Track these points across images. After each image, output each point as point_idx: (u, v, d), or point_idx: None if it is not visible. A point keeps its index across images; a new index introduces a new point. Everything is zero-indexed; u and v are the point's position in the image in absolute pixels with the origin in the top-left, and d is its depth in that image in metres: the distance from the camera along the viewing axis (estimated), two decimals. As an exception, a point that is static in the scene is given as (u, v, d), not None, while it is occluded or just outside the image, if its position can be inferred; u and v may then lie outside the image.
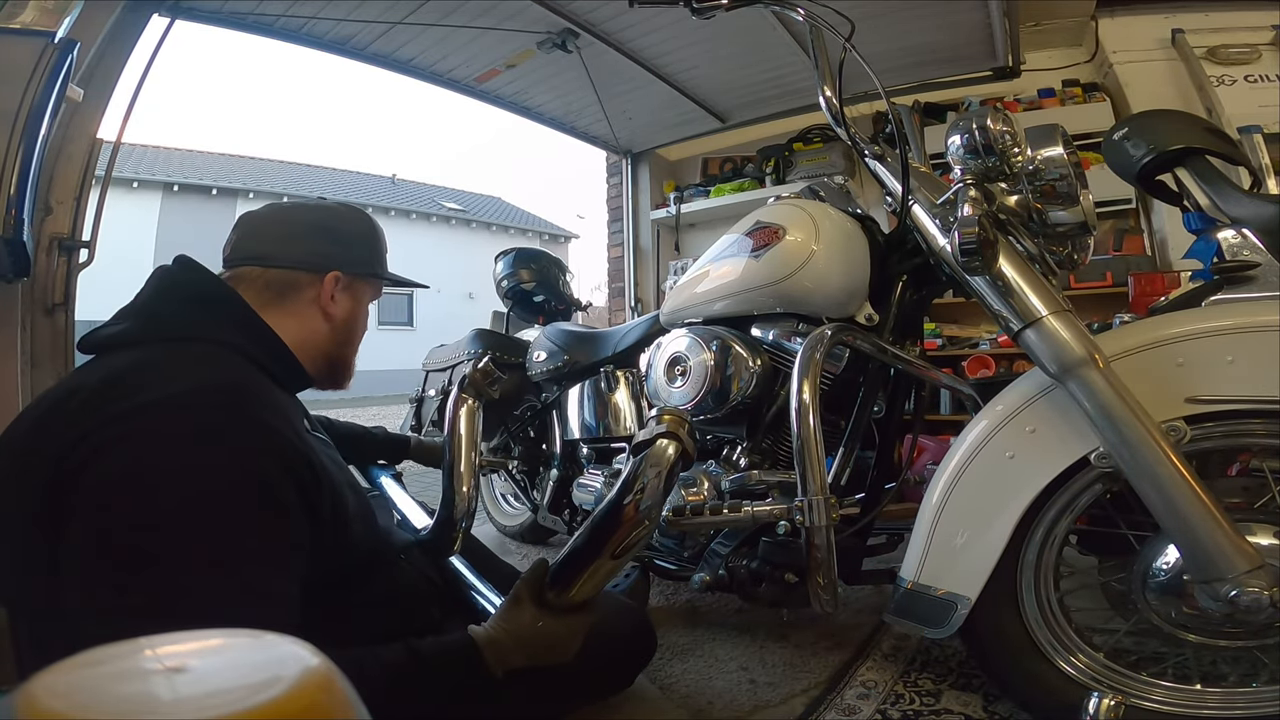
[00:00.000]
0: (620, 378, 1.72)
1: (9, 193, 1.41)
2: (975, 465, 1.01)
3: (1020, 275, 0.97)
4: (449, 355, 2.22)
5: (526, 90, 3.25)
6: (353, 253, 0.98)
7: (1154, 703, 0.95)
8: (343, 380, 1.02)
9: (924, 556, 1.03)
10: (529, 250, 2.55)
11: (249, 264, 0.92)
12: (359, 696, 0.27)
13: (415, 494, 1.45)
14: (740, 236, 1.34)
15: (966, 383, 1.26)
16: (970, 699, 1.12)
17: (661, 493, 0.84)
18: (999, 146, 0.99)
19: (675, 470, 0.86)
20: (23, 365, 1.71)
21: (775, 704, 1.16)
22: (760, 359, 1.27)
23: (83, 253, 1.84)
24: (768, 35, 2.71)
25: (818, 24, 1.14)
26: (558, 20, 2.57)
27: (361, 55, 2.72)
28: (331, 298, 0.95)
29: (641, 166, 4.16)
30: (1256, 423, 0.90)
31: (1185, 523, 0.85)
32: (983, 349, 3.00)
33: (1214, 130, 1.33)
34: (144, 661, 0.26)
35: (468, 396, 1.17)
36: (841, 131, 1.19)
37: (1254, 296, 0.99)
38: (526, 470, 2.08)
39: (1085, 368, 0.90)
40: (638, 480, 0.84)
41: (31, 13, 1.53)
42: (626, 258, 4.18)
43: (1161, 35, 2.87)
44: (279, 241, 0.94)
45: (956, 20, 2.69)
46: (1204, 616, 0.89)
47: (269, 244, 0.94)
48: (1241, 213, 1.13)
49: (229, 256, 0.95)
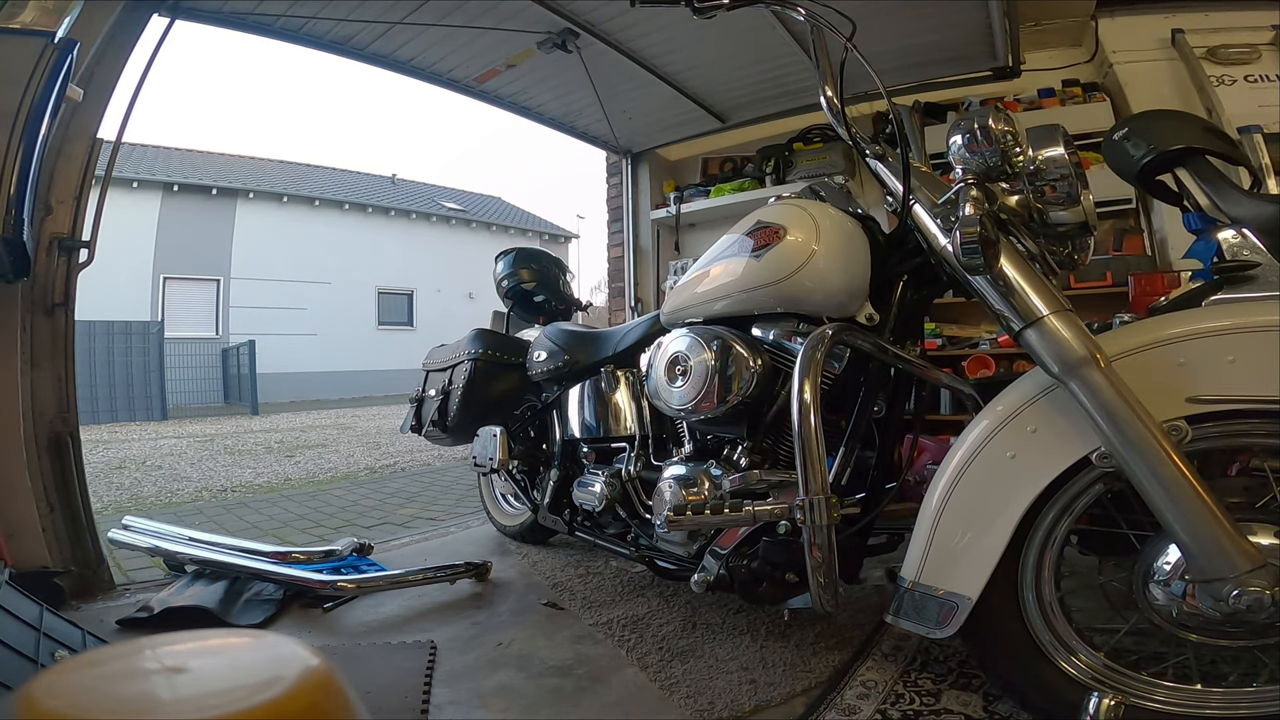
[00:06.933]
0: (620, 378, 1.72)
1: (9, 193, 1.41)
2: (976, 465, 1.01)
3: (1021, 275, 0.97)
4: (449, 355, 2.22)
5: (526, 90, 3.25)
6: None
7: (1155, 703, 0.95)
8: None
9: (925, 556, 1.03)
10: (529, 250, 2.56)
11: None
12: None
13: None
14: (741, 236, 1.34)
15: (967, 383, 1.25)
16: (970, 699, 1.12)
17: None
18: (1000, 146, 0.99)
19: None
20: (23, 365, 1.71)
21: (776, 704, 1.16)
22: (761, 359, 1.27)
23: (83, 253, 1.84)
24: (768, 35, 2.71)
25: (818, 24, 1.14)
26: (558, 20, 2.57)
27: (361, 55, 2.72)
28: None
29: (641, 166, 4.15)
30: (1257, 422, 0.90)
31: (1186, 522, 0.85)
32: (983, 349, 2.99)
33: (1214, 130, 1.33)
34: (144, 661, 0.26)
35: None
36: (843, 131, 1.19)
37: (1254, 296, 0.99)
38: (526, 470, 2.08)
39: (1087, 367, 0.90)
40: None
41: (31, 13, 1.53)
42: (626, 258, 4.18)
43: (1161, 35, 2.87)
44: None
45: (956, 20, 2.68)
46: (1205, 616, 0.88)
47: None
48: (1241, 213, 1.13)
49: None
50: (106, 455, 5.38)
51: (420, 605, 1.70)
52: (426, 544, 2.34)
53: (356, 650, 1.42)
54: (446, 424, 2.11)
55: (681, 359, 1.35)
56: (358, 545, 2.00)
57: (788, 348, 1.28)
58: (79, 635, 1.26)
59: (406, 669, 1.31)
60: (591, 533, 1.76)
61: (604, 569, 1.93)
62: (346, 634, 1.54)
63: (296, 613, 1.65)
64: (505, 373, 2.08)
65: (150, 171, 12.32)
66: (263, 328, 12.14)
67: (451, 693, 1.24)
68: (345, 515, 2.93)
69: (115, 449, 5.85)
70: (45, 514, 1.71)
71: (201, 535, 2.08)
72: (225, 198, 13.18)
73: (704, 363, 1.30)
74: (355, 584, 1.73)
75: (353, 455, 5.17)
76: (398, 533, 2.53)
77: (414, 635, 1.50)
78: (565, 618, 1.59)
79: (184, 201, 12.56)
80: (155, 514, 2.72)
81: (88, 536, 1.80)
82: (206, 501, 3.42)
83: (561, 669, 1.32)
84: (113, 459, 5.16)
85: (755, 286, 1.28)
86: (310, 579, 1.72)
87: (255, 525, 2.77)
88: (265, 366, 11.29)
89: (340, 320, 13.94)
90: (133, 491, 3.72)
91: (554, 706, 1.19)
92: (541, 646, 1.43)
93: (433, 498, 3.26)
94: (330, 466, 4.60)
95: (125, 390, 9.65)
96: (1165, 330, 0.94)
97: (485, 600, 1.73)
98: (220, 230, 13.03)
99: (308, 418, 9.17)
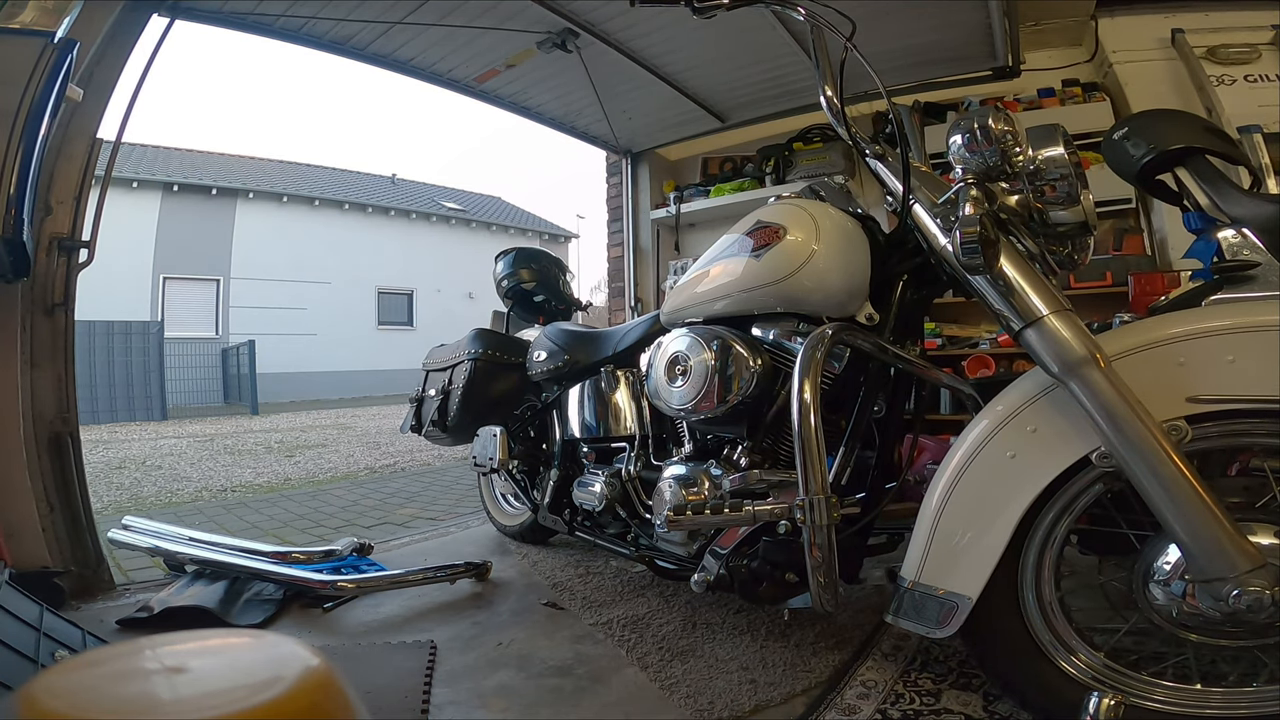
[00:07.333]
0: (620, 377, 1.72)
1: (9, 193, 1.41)
2: (976, 465, 1.01)
3: (1021, 274, 0.97)
4: (449, 355, 2.22)
5: (526, 90, 3.24)
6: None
7: (1155, 702, 0.95)
8: None
9: (925, 556, 1.03)
10: (529, 250, 2.56)
11: None
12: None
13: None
14: (741, 236, 1.34)
15: (967, 382, 1.25)
16: (970, 699, 1.12)
17: None
18: (1000, 146, 0.99)
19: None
20: (23, 365, 1.71)
21: (776, 703, 1.16)
22: (761, 359, 1.27)
23: (83, 253, 1.84)
24: (768, 35, 2.71)
25: (818, 24, 1.14)
26: (558, 20, 2.57)
27: (361, 55, 2.72)
28: None
29: (641, 166, 4.15)
30: (1257, 422, 0.90)
31: (1186, 522, 0.85)
32: (983, 349, 2.99)
33: (1214, 130, 1.33)
34: (144, 661, 0.26)
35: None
36: (843, 131, 1.19)
37: (1254, 296, 0.99)
38: (526, 470, 2.08)
39: (1087, 367, 0.90)
40: None
41: (31, 13, 1.53)
42: (626, 257, 4.18)
43: (1161, 35, 2.87)
44: None
45: (956, 20, 2.68)
46: (1205, 616, 0.88)
47: None
48: (1241, 212, 1.13)
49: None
50: (106, 455, 5.38)
51: (420, 605, 1.70)
52: (426, 544, 2.34)
53: (356, 650, 1.42)
54: (446, 424, 2.12)
55: (681, 359, 1.35)
56: (358, 545, 2.00)
57: (788, 347, 1.28)
58: (79, 635, 1.26)
59: (406, 669, 1.31)
60: (591, 533, 1.76)
61: (604, 569, 1.93)
62: (346, 634, 1.54)
63: (296, 613, 1.65)
64: (505, 373, 2.08)
65: (150, 171, 12.32)
66: (263, 328, 12.14)
67: (451, 693, 1.24)
68: (345, 515, 2.93)
69: (115, 449, 5.85)
70: (45, 514, 1.71)
71: (201, 535, 2.08)
72: (225, 198, 13.18)
73: (704, 362, 1.30)
74: (355, 584, 1.73)
75: (353, 455, 5.17)
76: (398, 533, 2.53)
77: (414, 635, 1.50)
78: (565, 618, 1.60)
79: (184, 201, 12.56)
80: (155, 514, 2.72)
81: (88, 536, 1.80)
82: (206, 501, 3.42)
83: (561, 669, 1.32)
84: (113, 459, 5.16)
85: (755, 286, 1.28)
86: (310, 579, 1.72)
87: (255, 525, 2.77)
88: (265, 366, 11.28)
89: (340, 320, 13.94)
90: (133, 491, 3.72)
91: (554, 706, 1.19)
92: (541, 646, 1.43)
93: (433, 498, 3.26)
94: (330, 466, 4.60)
95: (125, 390, 9.65)
96: (1165, 330, 0.94)
97: (485, 600, 1.73)
98: (220, 230, 13.03)
99: (308, 418, 9.17)
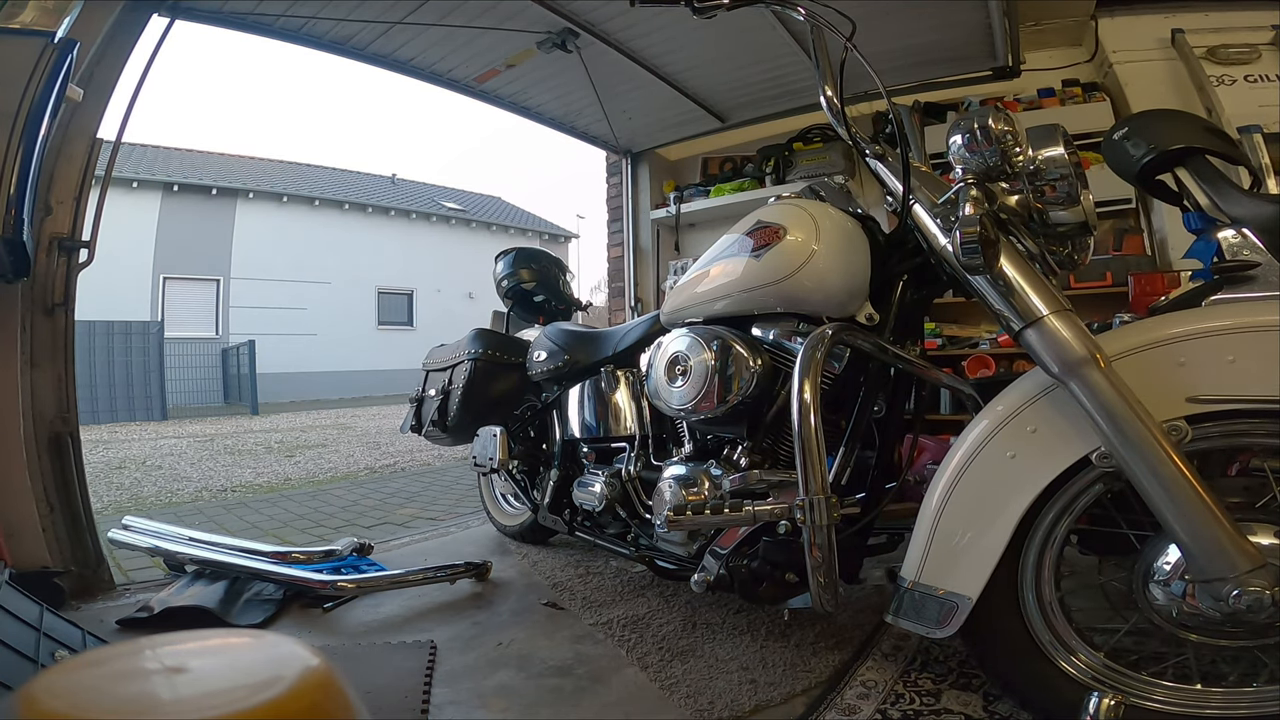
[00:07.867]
0: (620, 377, 1.72)
1: (9, 193, 1.41)
2: (976, 465, 1.01)
3: (1021, 274, 0.97)
4: (449, 355, 2.22)
5: (526, 90, 3.24)
6: None
7: (1155, 703, 0.95)
8: None
9: (925, 556, 1.03)
10: (529, 250, 2.55)
11: None
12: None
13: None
14: (741, 236, 1.34)
15: (967, 382, 1.25)
16: (970, 699, 1.12)
17: None
18: (1000, 146, 0.99)
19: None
20: (23, 365, 1.71)
21: (776, 704, 1.16)
22: (761, 359, 1.27)
23: (83, 253, 1.84)
24: (768, 35, 2.71)
25: (818, 24, 1.14)
26: (558, 20, 2.57)
27: (361, 55, 2.72)
28: None
29: (641, 166, 4.15)
30: (1257, 422, 0.90)
31: (1186, 522, 0.85)
32: (983, 349, 2.99)
33: (1214, 130, 1.33)
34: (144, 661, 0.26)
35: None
36: (843, 131, 1.19)
37: (1254, 296, 0.99)
38: (526, 470, 2.08)
39: (1087, 367, 0.90)
40: None
41: (31, 13, 1.53)
42: (626, 258, 4.18)
43: (1161, 35, 2.87)
44: None
45: (956, 20, 2.68)
46: (1205, 616, 0.88)
47: None
48: (1241, 212, 1.13)
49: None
50: (106, 455, 5.38)
51: (420, 605, 1.70)
52: (426, 544, 2.34)
53: (356, 650, 1.42)
54: (446, 424, 2.12)
55: (681, 359, 1.35)
56: (358, 545, 2.00)
57: (788, 348, 1.28)
58: (79, 635, 1.26)
59: (406, 669, 1.31)
60: (591, 533, 1.76)
61: (604, 569, 1.93)
62: (346, 634, 1.54)
63: (296, 613, 1.65)
64: (505, 373, 2.08)
65: (150, 171, 12.31)
66: (263, 328, 12.14)
67: (451, 692, 1.24)
68: (345, 515, 2.93)
69: (115, 449, 5.85)
70: (45, 514, 1.71)
71: (201, 535, 2.08)
72: (225, 198, 13.18)
73: (704, 363, 1.30)
74: (355, 584, 1.73)
75: (353, 455, 5.17)
76: (398, 533, 2.53)
77: (414, 635, 1.50)
78: (565, 618, 1.59)
79: (184, 201, 12.56)
80: (155, 514, 2.72)
81: (88, 536, 1.80)
82: (206, 501, 3.42)
83: (561, 669, 1.32)
84: (113, 459, 5.16)
85: (755, 286, 1.28)
86: (310, 579, 1.72)
87: (255, 525, 2.77)
88: (265, 366, 11.28)
89: (340, 320, 13.94)
90: (133, 491, 3.72)
91: (554, 706, 1.19)
92: (541, 646, 1.43)
93: (433, 498, 3.26)
94: (330, 466, 4.60)
95: (125, 390, 9.64)
96: (1165, 330, 0.94)
97: (485, 600, 1.73)
98: (220, 230, 13.02)
99: (308, 418, 9.17)
